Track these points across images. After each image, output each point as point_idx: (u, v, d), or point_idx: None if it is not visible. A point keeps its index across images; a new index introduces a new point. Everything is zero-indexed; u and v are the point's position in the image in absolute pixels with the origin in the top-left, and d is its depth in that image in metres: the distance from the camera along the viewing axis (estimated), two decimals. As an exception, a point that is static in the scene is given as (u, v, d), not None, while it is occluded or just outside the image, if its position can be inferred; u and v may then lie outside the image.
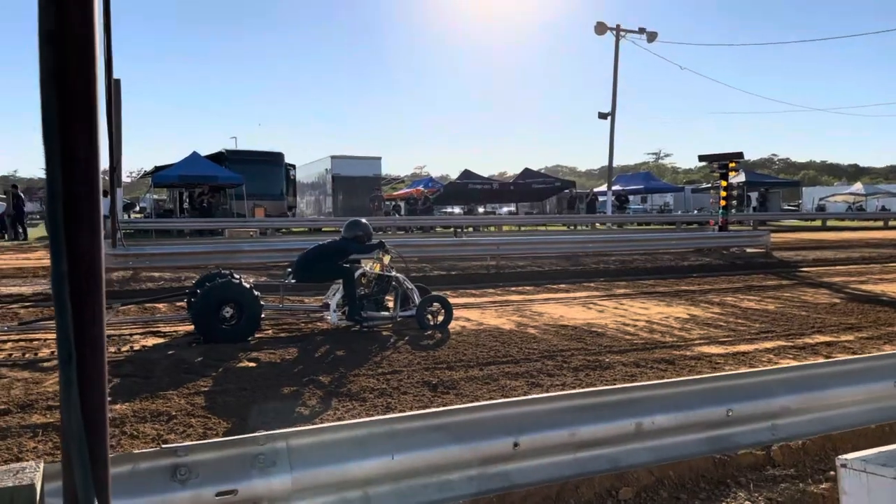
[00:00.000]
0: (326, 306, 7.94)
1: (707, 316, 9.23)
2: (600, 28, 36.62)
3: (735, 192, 29.08)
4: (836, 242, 23.23)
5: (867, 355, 3.75)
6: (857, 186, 57.77)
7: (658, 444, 3.11)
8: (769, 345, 7.43)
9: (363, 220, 8.59)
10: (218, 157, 30.56)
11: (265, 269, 13.62)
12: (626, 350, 7.12)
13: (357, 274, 7.96)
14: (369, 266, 8.19)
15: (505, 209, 49.39)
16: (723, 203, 19.21)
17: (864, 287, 12.17)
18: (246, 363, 6.46)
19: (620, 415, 3.01)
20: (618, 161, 48.72)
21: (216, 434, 4.40)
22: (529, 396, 3.15)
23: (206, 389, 5.47)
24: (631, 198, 48.82)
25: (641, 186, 48.66)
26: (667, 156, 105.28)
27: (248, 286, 7.46)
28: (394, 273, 8.26)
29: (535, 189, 40.70)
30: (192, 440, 4.04)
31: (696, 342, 7.54)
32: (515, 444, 2.76)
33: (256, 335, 7.60)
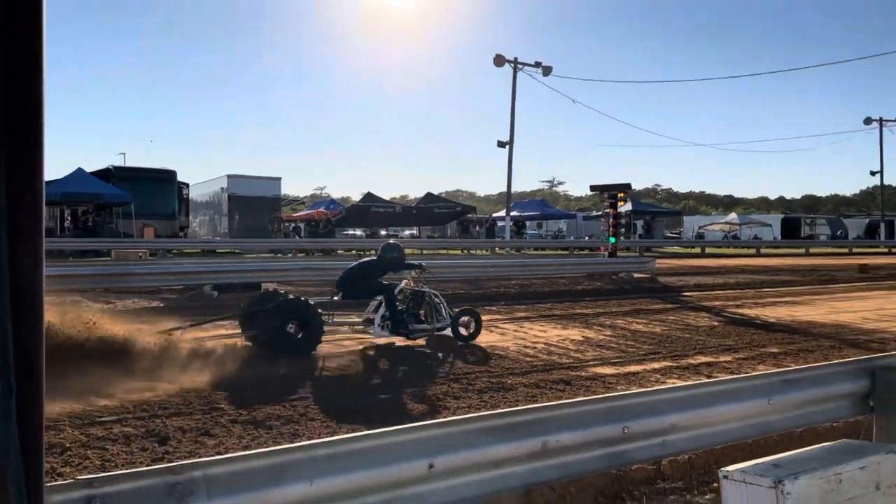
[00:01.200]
0: (370, 321, 8.39)
1: (600, 338, 9.71)
2: (499, 60, 37.93)
3: (623, 221, 30.68)
4: (714, 269, 24.95)
5: (745, 375, 4.15)
6: (732, 216, 62.34)
7: (562, 462, 3.30)
8: (656, 365, 7.93)
9: (398, 243, 9.61)
10: (104, 174, 29.09)
11: (159, 293, 13.08)
12: (527, 371, 7.39)
13: (396, 290, 8.57)
14: (404, 283, 8.87)
15: (407, 232, 49.74)
16: (612, 231, 20.29)
17: (740, 311, 13.17)
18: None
19: (529, 434, 3.17)
20: (515, 187, 50.28)
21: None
22: (445, 419, 3.27)
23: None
24: (528, 223, 50.41)
25: (537, 213, 50.40)
26: (560, 183, 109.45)
27: (312, 303, 7.98)
28: (425, 288, 8.87)
29: (436, 213, 41.27)
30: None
31: (591, 363, 7.93)
32: (431, 466, 2.86)
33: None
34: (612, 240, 20.55)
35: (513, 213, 42.06)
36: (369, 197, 39.80)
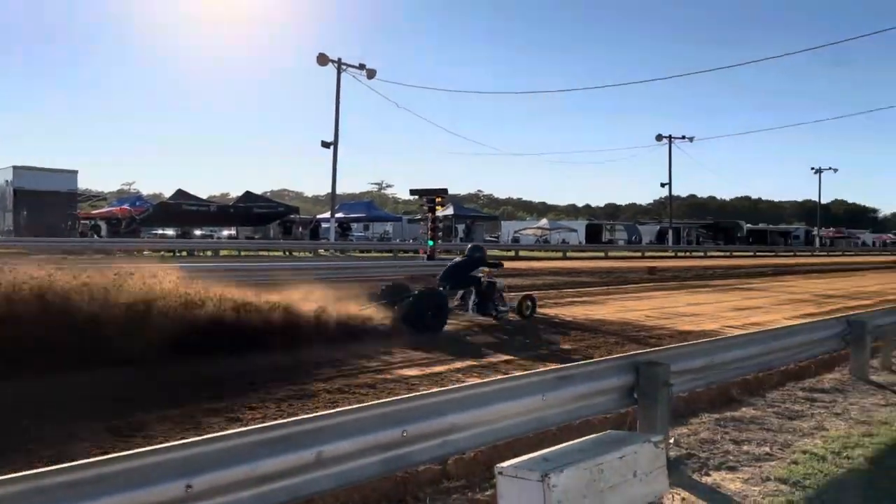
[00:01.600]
0: (463, 306, 11.34)
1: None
2: (322, 59, 37.41)
3: (442, 224, 31.55)
4: (525, 271, 26.41)
5: (522, 373, 4.36)
6: (544, 222, 66.63)
7: (340, 470, 3.24)
8: (460, 364, 8.18)
9: (481, 244, 13.46)
10: None
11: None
12: (333, 377, 7.27)
13: (483, 281, 11.45)
14: (483, 276, 11.58)
15: (225, 233, 47.38)
16: (431, 234, 20.78)
17: (542, 311, 13.96)
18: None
19: (302, 446, 3.08)
20: (343, 189, 49.93)
21: None
22: (211, 435, 3.07)
23: None
24: (354, 225, 50.24)
25: (364, 214, 50.42)
26: (388, 186, 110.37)
27: (444, 294, 10.92)
28: (497, 280, 11.87)
29: (256, 213, 39.76)
30: None
31: (397, 365, 8.00)
32: (188, 487, 2.67)
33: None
34: (431, 243, 21.03)
35: (338, 215, 41.68)
36: (181, 194, 37.41)
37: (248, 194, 40.48)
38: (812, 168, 77.95)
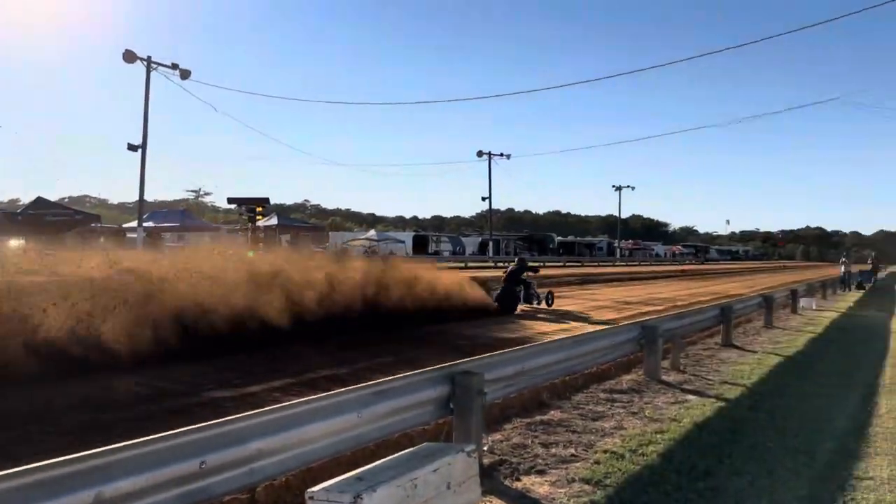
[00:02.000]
0: (518, 298, 17.16)
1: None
2: (129, 56, 34.64)
3: (264, 235, 30.42)
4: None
5: (334, 392, 4.19)
6: (372, 233, 66.76)
7: (125, 512, 2.88)
8: (277, 383, 7.82)
9: (525, 257, 21.88)
10: None
11: None
12: (130, 404, 6.62)
13: (529, 281, 17.64)
14: (528, 277, 17.67)
15: (13, 243, 41.98)
16: (251, 244, 19.90)
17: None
18: None
19: (76, 487, 2.70)
20: (156, 196, 46.40)
21: None
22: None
23: None
24: (167, 235, 46.85)
25: (177, 224, 47.19)
26: (207, 194, 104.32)
27: (515, 290, 17.07)
28: (531, 280, 17.87)
29: (49, 221, 35.68)
30: None
31: (208, 387, 7.47)
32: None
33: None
34: (251, 253, 20.12)
35: (148, 224, 38.68)
36: (-43, 199, 32.60)
37: (39, 200, 36.23)
38: (613, 186, 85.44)
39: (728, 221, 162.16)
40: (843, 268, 35.91)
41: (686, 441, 5.97)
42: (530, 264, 18.94)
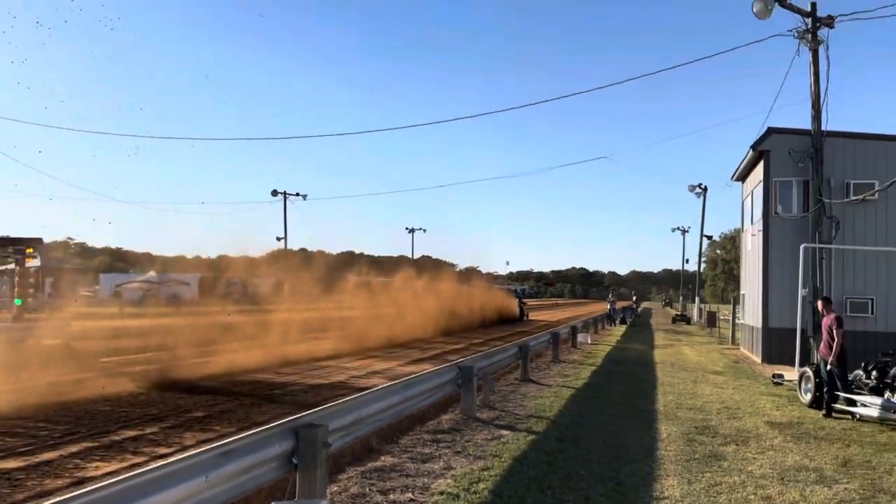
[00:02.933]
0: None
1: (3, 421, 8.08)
2: None
3: (31, 280, 26.87)
4: (135, 330, 23.98)
5: (182, 457, 3.93)
6: (152, 274, 61.71)
7: None
8: (75, 448, 7.01)
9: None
10: None
11: None
12: None
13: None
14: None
15: None
16: (18, 291, 17.48)
17: (166, 375, 12.87)
18: None
19: None
20: None
21: None
22: None
23: None
24: None
25: None
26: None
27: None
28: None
29: None
30: None
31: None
32: None
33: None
34: (18, 301, 17.68)
35: None
36: None
37: None
38: (406, 228, 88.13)
39: (507, 262, 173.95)
40: (609, 305, 40.38)
41: (511, 476, 6.38)
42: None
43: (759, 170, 20.05)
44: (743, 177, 23.33)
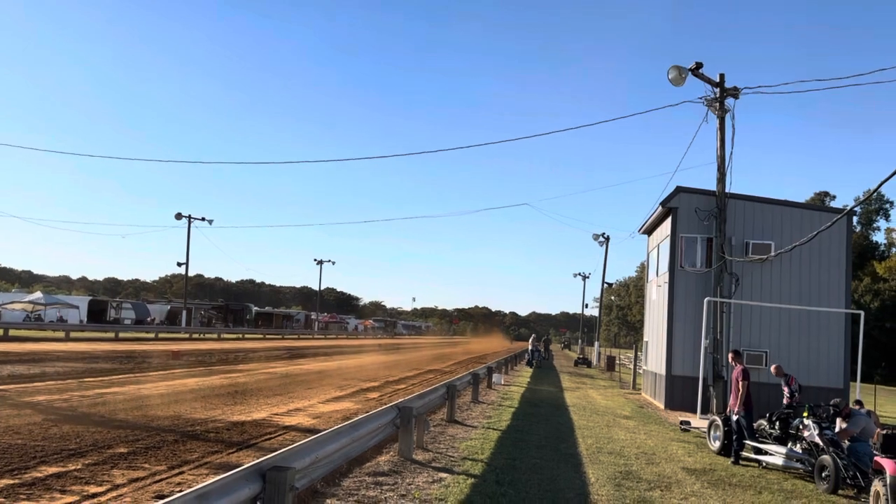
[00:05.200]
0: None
1: None
2: None
3: None
4: (26, 355, 22.38)
5: (163, 502, 3.81)
6: (38, 295, 57.68)
7: None
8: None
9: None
10: None
11: None
12: None
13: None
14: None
15: None
16: None
17: (69, 405, 12.11)
18: None
19: None
20: None
21: None
22: None
23: None
24: None
25: None
26: None
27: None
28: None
29: None
30: None
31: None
32: None
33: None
34: None
35: None
36: None
37: None
38: (315, 259, 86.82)
39: (414, 299, 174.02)
40: (531, 346, 41.35)
41: (460, 520, 6.47)
42: None
43: (666, 225, 21.37)
44: (650, 230, 24.76)
